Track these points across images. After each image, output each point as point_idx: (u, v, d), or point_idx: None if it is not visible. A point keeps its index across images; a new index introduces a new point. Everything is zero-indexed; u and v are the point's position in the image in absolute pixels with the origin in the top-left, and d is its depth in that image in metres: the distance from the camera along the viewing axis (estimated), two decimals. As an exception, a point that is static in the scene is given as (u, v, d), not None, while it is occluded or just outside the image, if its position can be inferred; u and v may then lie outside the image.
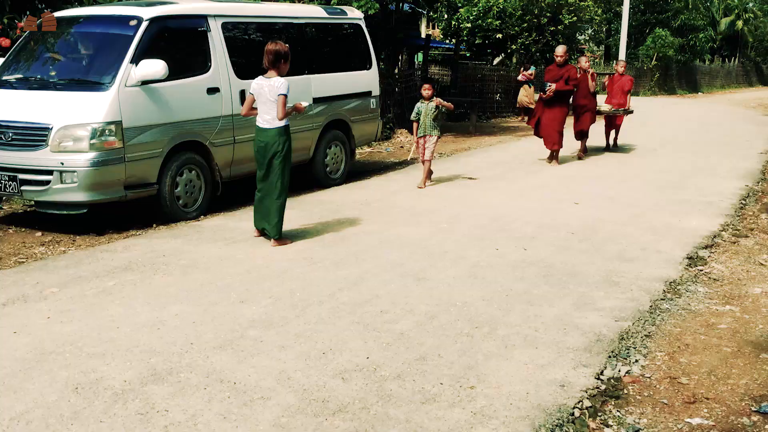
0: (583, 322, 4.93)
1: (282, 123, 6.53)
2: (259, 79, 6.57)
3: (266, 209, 6.75)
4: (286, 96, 6.44)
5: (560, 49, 11.87)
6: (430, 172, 9.94)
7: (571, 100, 12.52)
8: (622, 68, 14.12)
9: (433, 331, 4.74)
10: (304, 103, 6.83)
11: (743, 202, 9.18)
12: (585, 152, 12.86)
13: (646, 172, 11.32)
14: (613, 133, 14.03)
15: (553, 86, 11.51)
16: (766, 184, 10.62)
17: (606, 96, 14.08)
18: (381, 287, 5.58)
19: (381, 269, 6.04)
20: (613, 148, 13.97)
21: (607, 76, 14.40)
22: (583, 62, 12.76)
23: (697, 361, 4.43)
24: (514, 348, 4.50)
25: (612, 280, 5.86)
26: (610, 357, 4.40)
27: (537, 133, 12.14)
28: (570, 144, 12.75)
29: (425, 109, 9.59)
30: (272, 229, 6.74)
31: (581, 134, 12.77)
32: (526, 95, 20.11)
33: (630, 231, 7.49)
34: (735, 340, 4.77)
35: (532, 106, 19.37)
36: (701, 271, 6.25)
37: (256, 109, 6.64)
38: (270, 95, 6.46)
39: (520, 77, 20.43)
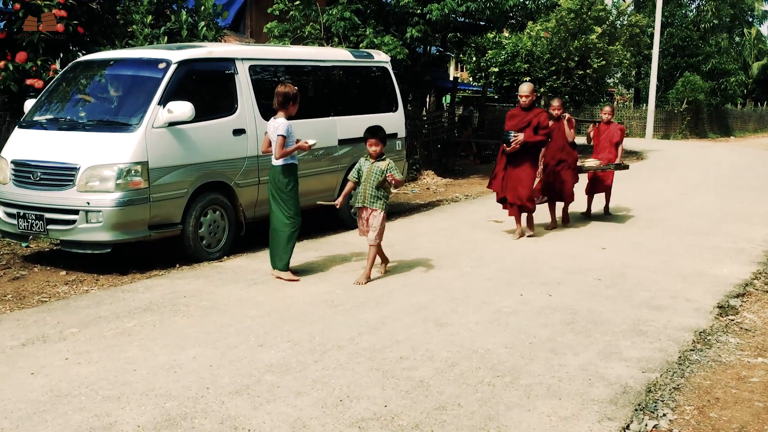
0: (609, 373, 4.78)
1: (281, 162, 6.85)
2: (272, 119, 6.95)
3: (275, 244, 7.00)
4: (284, 137, 6.77)
5: (525, 88, 8.87)
6: (384, 259, 7.33)
7: (541, 154, 9.29)
8: (608, 115, 10.80)
9: (453, 379, 4.63)
10: (310, 141, 7.11)
11: (776, 249, 8.96)
12: (567, 221, 10.23)
13: (675, 217, 11.12)
14: (602, 196, 11.06)
15: (520, 137, 8.68)
16: (800, 231, 10.38)
17: (593, 150, 11.08)
18: (401, 332, 5.49)
19: (402, 313, 5.96)
20: (605, 214, 11.05)
21: (592, 125, 11.21)
22: (555, 105, 9.89)
23: (727, 416, 4.26)
24: (537, 398, 4.37)
25: (639, 329, 5.71)
26: (636, 410, 4.25)
27: (500, 198, 9.29)
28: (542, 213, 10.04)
29: (367, 170, 7.01)
30: (278, 262, 6.99)
31: (560, 199, 10.03)
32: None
33: (659, 278, 7.33)
34: (767, 394, 4.60)
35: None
36: (732, 320, 6.07)
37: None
38: (272, 135, 6.86)
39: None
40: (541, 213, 9.83)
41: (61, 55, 10.23)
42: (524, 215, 9.28)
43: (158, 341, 5.22)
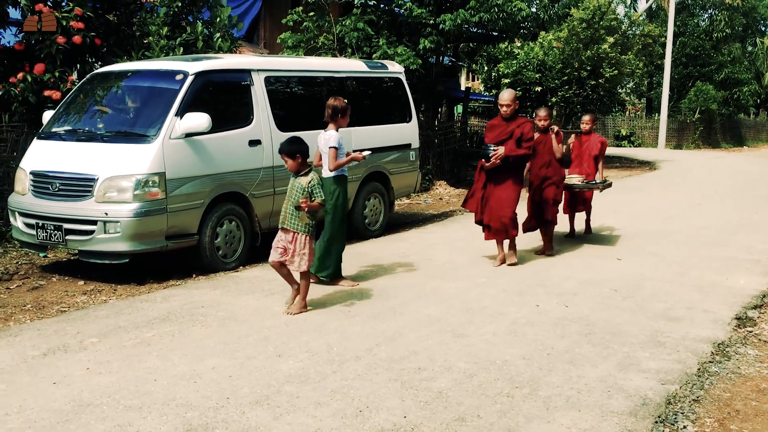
0: (627, 384, 4.78)
1: (333, 173, 6.94)
2: (322, 132, 7.03)
3: (320, 253, 6.97)
4: (336, 149, 6.84)
5: (506, 96, 7.89)
6: (302, 296, 6.21)
7: (526, 170, 8.45)
8: (588, 125, 9.81)
9: (472, 390, 4.64)
10: (365, 152, 7.20)
11: (793, 259, 8.90)
12: (551, 248, 8.95)
13: (690, 228, 11.07)
14: (582, 214, 10.16)
15: (501, 150, 7.74)
16: (817, 241, 10.31)
17: (570, 163, 9.90)
18: (419, 343, 5.50)
19: (419, 324, 5.97)
20: (586, 233, 10.20)
21: (573, 135, 10.06)
22: (542, 115, 8.70)
23: (748, 428, 4.24)
24: (556, 410, 4.36)
25: (657, 340, 5.69)
26: (656, 422, 4.24)
27: (479, 219, 8.26)
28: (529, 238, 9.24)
29: (289, 186, 6.13)
30: (327, 271, 7.05)
31: (545, 222, 8.79)
32: None
33: (675, 289, 7.31)
34: (788, 406, 4.57)
35: None
36: (751, 332, 6.05)
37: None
38: (323, 147, 6.94)
39: None
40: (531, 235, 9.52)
41: (78, 66, 10.33)
42: (507, 241, 8.22)
43: (177, 351, 5.25)
